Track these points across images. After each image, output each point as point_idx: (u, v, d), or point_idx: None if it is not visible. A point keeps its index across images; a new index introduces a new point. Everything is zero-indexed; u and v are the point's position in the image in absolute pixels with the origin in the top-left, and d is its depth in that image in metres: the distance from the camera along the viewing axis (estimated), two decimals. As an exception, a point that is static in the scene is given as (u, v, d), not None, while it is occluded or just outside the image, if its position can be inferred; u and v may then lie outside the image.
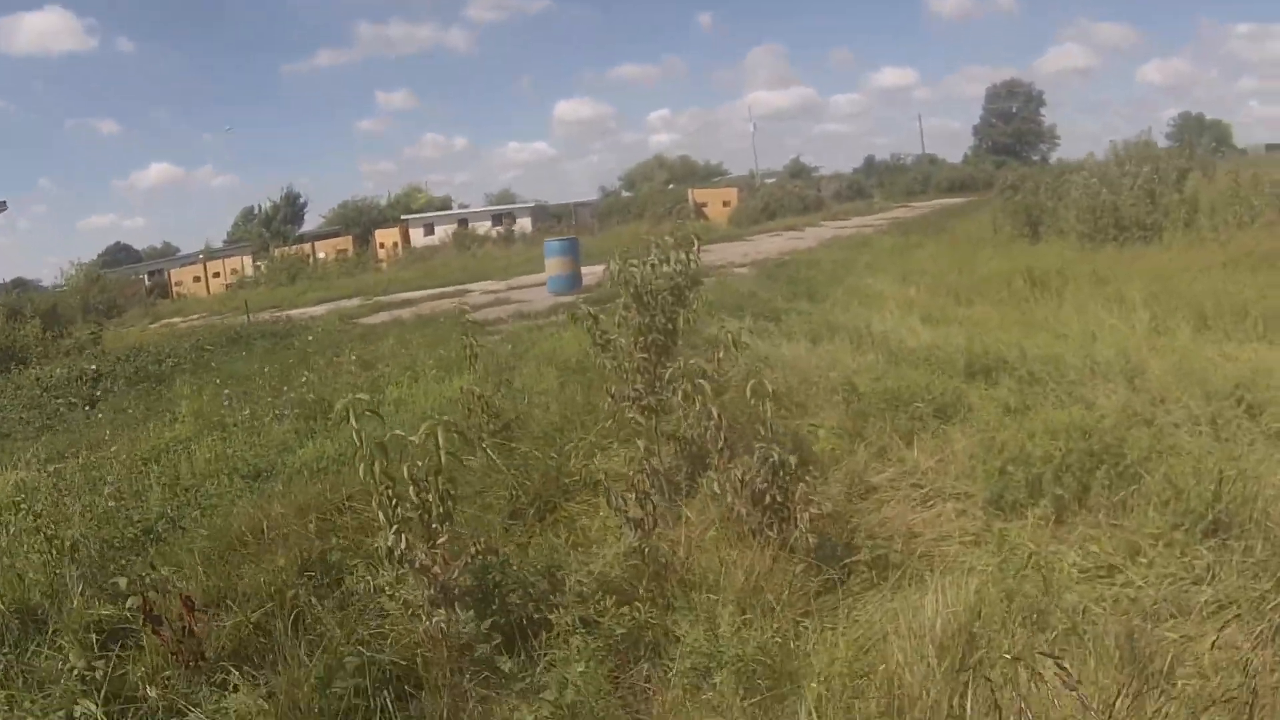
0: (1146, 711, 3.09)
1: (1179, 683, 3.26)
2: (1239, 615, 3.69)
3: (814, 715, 3.32)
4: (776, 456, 4.46)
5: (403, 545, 4.06)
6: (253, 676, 3.89)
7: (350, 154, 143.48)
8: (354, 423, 4.16)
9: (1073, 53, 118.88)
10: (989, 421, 6.19)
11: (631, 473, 5.08)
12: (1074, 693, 2.78)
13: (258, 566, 5.09)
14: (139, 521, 6.21)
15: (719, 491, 4.66)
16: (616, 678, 3.84)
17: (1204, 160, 20.00)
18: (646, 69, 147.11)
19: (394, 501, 4.10)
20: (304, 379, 11.12)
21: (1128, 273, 11.74)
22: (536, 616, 4.19)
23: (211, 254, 59.92)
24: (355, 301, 24.83)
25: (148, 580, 4.44)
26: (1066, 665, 2.91)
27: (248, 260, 52.36)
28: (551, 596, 4.32)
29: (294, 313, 24.03)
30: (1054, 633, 3.77)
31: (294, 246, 53.29)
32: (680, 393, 5.12)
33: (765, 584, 4.35)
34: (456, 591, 4.12)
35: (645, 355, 5.78)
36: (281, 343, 16.78)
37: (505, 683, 3.84)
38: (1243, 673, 3.26)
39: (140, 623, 4.07)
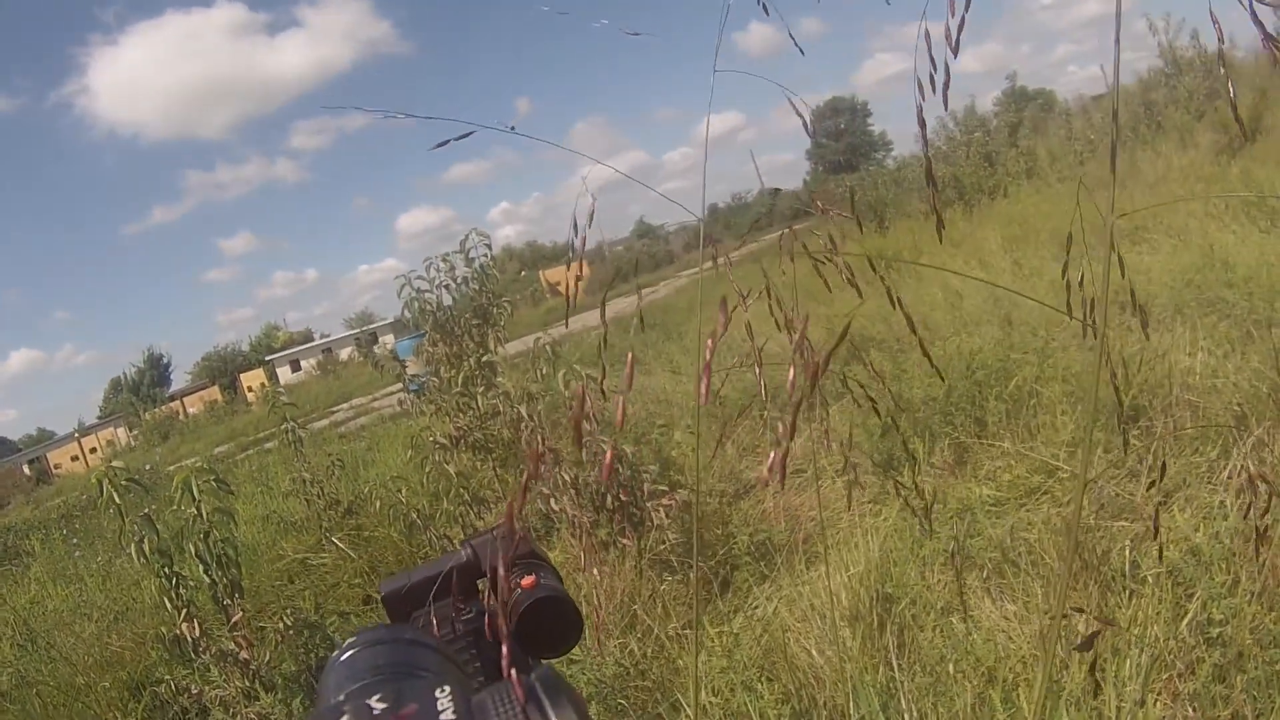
0: (1120, 620, 2.35)
1: (1145, 577, 2.54)
2: (1190, 497, 3.02)
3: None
4: (608, 449, 3.63)
5: (195, 631, 3.64)
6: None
7: (206, 306, 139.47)
8: (115, 497, 3.66)
9: (887, 61, 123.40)
10: (863, 391, 5.55)
11: (459, 515, 4.21)
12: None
13: (82, 703, 4.66)
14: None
15: (555, 506, 3.80)
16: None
17: (1034, 118, 20.27)
18: (478, 165, 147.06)
19: (174, 583, 3.65)
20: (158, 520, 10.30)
21: (980, 231, 11.45)
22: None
23: (85, 431, 56.75)
24: (225, 447, 23.63)
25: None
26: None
27: (122, 431, 50.39)
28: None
29: (171, 468, 22.98)
30: (984, 570, 3.03)
31: (164, 406, 51.41)
32: (499, 419, 4.33)
33: (634, 600, 3.51)
34: (276, 678, 3.58)
35: (462, 390, 4.93)
36: (145, 496, 15.76)
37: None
38: (1211, 549, 2.56)
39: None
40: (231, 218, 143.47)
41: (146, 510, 3.84)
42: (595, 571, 3.54)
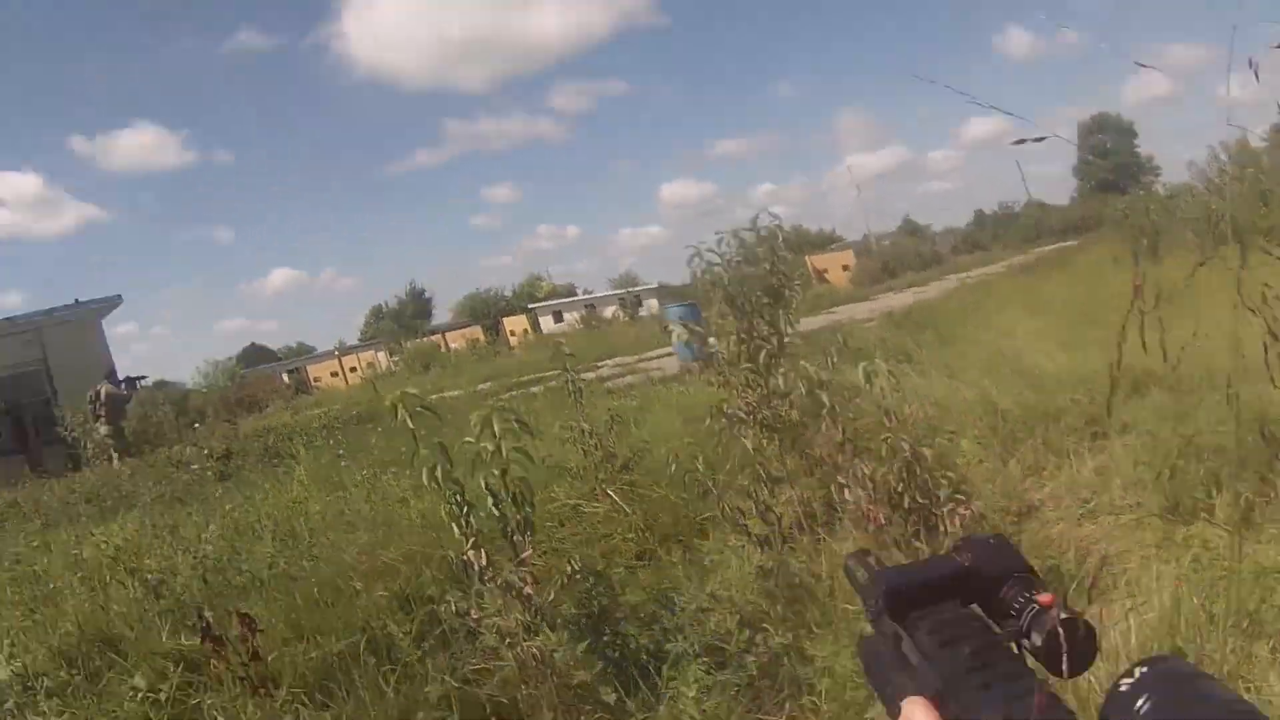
0: None
1: None
2: None
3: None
4: (909, 449, 3.85)
5: (482, 560, 3.71)
6: (325, 705, 3.49)
7: (466, 249, 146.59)
8: (409, 421, 3.82)
9: (1154, 80, 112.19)
10: (1147, 428, 5.47)
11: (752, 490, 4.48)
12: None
13: (352, 606, 4.74)
14: (247, 571, 5.89)
15: (849, 498, 4.05)
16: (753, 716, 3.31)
17: (1317, 154, 17.89)
18: (740, 143, 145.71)
19: (465, 511, 3.76)
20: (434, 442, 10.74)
21: (1257, 274, 10.48)
22: (654, 649, 3.65)
23: (346, 350, 60.69)
24: (488, 385, 23.69)
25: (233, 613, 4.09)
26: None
27: (382, 355, 52.94)
28: (667, 623, 3.79)
29: (433, 397, 23.62)
30: (1271, 640, 3.07)
31: (426, 338, 53.66)
32: (788, 400, 4.55)
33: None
34: (556, 618, 3.69)
35: (751, 365, 5.11)
36: (438, 422, 16.29)
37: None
38: None
39: (199, 642, 3.76)
40: (494, 168, 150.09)
41: (439, 440, 4.01)
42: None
